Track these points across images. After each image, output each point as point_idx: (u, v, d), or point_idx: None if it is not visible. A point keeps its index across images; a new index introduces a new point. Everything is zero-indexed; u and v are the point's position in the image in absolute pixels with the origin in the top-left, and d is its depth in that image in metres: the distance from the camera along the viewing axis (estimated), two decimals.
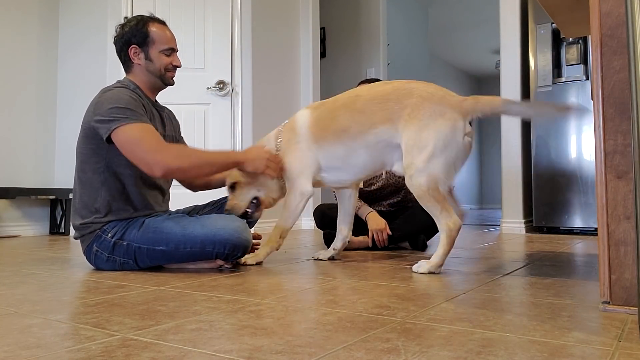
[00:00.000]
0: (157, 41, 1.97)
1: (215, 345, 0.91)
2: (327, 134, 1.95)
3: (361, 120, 1.88)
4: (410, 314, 1.15)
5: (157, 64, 1.98)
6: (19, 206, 3.78)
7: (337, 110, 1.95)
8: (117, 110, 1.79)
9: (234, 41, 3.88)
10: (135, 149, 1.77)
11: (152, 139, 1.78)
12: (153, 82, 2.01)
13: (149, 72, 1.99)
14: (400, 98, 1.83)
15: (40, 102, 3.96)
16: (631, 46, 0.95)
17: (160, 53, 1.98)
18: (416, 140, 1.76)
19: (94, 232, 1.87)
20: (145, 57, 1.97)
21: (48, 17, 4.02)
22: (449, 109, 1.76)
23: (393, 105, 1.83)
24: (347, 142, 1.92)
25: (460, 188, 9.72)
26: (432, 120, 1.75)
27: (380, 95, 1.87)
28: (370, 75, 5.12)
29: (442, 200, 1.75)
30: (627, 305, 1.13)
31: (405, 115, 1.80)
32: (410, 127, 1.78)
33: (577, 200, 3.57)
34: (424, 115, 1.76)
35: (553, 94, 3.68)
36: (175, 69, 2.04)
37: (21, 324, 1.08)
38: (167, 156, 1.77)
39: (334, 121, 1.94)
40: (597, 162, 1.19)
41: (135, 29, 1.96)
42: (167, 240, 1.82)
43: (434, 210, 1.75)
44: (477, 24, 7.74)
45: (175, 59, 2.03)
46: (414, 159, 1.75)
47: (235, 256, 1.85)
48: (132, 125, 1.78)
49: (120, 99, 1.81)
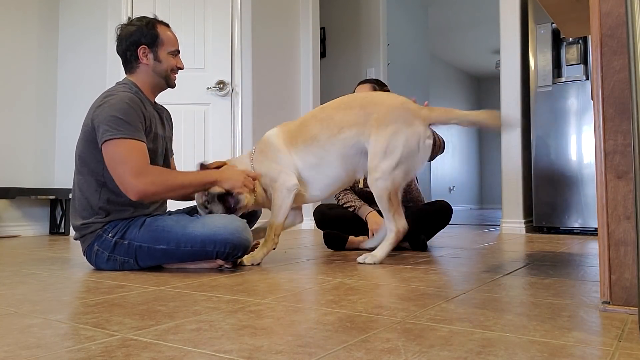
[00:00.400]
0: (166, 42, 1.99)
1: (215, 345, 0.91)
2: (298, 142, 2.03)
3: (329, 126, 2.00)
4: (410, 314, 1.15)
5: (165, 65, 1.99)
6: (19, 206, 3.78)
7: (306, 121, 2.06)
8: (115, 121, 1.79)
9: (234, 41, 3.88)
10: (117, 167, 1.79)
11: (135, 162, 1.78)
12: (157, 83, 2.02)
13: (155, 72, 1.99)
14: (364, 105, 1.99)
15: (40, 102, 3.96)
16: (631, 46, 0.95)
17: (168, 54, 2.00)
18: (384, 145, 1.92)
19: (95, 232, 1.87)
20: (155, 58, 1.98)
21: (48, 17, 4.02)
22: (413, 117, 1.94)
23: (357, 111, 1.98)
24: (318, 149, 2.01)
25: (460, 188, 9.73)
26: (400, 127, 1.92)
27: (345, 103, 2.03)
28: (371, 75, 5.12)
29: (397, 205, 1.98)
30: (627, 305, 1.13)
31: (372, 121, 1.95)
32: (379, 132, 1.93)
33: (577, 200, 3.57)
34: (391, 122, 1.93)
35: (553, 94, 3.68)
36: (178, 71, 2.06)
37: (21, 324, 1.08)
38: (144, 183, 1.78)
39: (303, 130, 2.04)
40: (597, 162, 1.19)
41: (145, 30, 1.97)
42: (168, 239, 1.82)
43: (389, 213, 1.96)
44: (477, 24, 7.75)
45: (180, 61, 2.06)
46: (381, 163, 1.92)
47: (235, 255, 1.85)
48: (121, 142, 1.78)
49: (121, 109, 1.81)
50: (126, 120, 1.80)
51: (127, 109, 1.82)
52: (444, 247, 2.67)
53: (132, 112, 1.83)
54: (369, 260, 1.99)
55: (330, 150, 2.00)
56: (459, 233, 3.76)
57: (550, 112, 3.68)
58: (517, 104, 3.80)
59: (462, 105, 10.13)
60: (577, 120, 3.60)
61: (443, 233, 3.62)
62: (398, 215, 1.98)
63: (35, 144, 3.92)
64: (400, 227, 2.00)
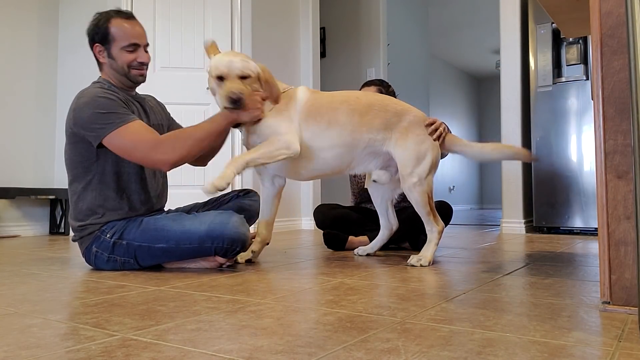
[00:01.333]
0: (118, 38, 1.90)
1: (215, 345, 0.91)
2: (322, 120, 1.94)
3: (359, 121, 1.96)
4: (410, 314, 1.14)
5: (119, 61, 1.92)
6: (19, 206, 3.78)
7: (336, 103, 1.98)
8: (100, 117, 1.77)
9: (234, 41, 3.88)
10: (132, 152, 1.78)
11: (144, 139, 1.77)
12: (121, 80, 1.96)
13: (114, 70, 1.94)
14: (399, 113, 2.03)
15: (40, 102, 3.96)
16: (631, 46, 0.95)
17: (121, 50, 1.91)
18: (415, 152, 1.99)
19: (93, 234, 1.87)
20: (108, 55, 1.93)
21: (48, 17, 4.02)
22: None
23: (391, 117, 2.01)
24: (337, 137, 1.95)
25: (460, 188, 9.73)
26: (426, 137, 2.03)
27: (380, 104, 2.02)
28: (371, 75, 5.12)
29: (434, 207, 2.05)
30: (627, 305, 1.13)
31: (402, 129, 2.01)
32: (409, 139, 2.00)
33: (577, 200, 3.57)
34: (421, 133, 2.02)
35: (553, 94, 3.68)
36: (142, 65, 1.95)
37: (21, 324, 1.08)
38: (165, 152, 1.76)
39: (331, 111, 1.95)
40: (597, 162, 1.19)
41: (96, 27, 1.92)
42: (167, 238, 1.82)
43: (428, 216, 2.02)
44: (477, 24, 7.74)
45: (141, 55, 1.94)
46: (416, 169, 1.98)
47: (234, 251, 1.85)
48: (120, 130, 1.77)
49: (98, 104, 1.79)
50: (109, 111, 1.78)
51: (104, 101, 1.80)
52: (444, 247, 2.67)
53: (110, 102, 1.81)
54: (423, 262, 1.97)
55: (347, 142, 1.95)
56: (459, 233, 3.76)
57: (550, 112, 3.68)
58: (517, 104, 3.80)
59: (462, 105, 10.13)
60: (577, 120, 3.60)
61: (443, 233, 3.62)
62: (436, 217, 2.04)
63: (35, 144, 3.92)
64: (440, 226, 2.05)
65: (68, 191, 1.94)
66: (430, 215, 2.02)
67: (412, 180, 1.97)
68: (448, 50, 9.00)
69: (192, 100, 3.71)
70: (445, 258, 2.21)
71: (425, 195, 1.99)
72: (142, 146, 1.76)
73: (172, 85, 3.62)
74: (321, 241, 2.87)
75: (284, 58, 4.31)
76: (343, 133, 1.95)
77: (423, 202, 1.99)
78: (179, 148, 1.78)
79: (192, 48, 3.74)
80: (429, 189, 2.01)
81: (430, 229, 2.04)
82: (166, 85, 3.60)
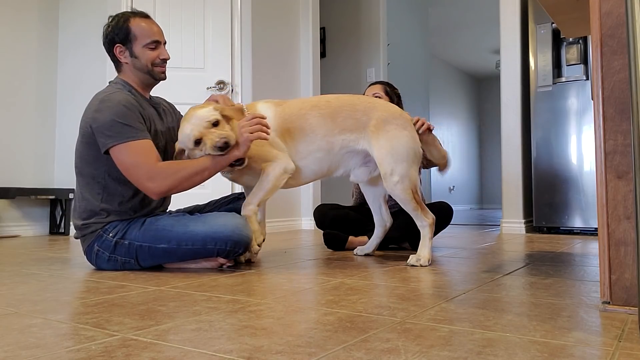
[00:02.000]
0: (140, 36, 1.93)
1: (215, 345, 0.91)
2: (295, 131, 1.98)
3: (331, 125, 2.00)
4: (410, 314, 1.14)
5: (143, 59, 1.94)
6: (19, 206, 3.78)
7: (305, 109, 2.01)
8: (117, 126, 1.78)
9: (234, 41, 3.88)
10: (130, 171, 1.79)
11: (146, 164, 1.77)
12: (143, 79, 1.98)
13: (137, 69, 1.95)
14: (367, 111, 2.02)
15: (40, 102, 3.96)
16: (631, 46, 0.95)
17: (144, 48, 1.94)
18: (391, 150, 1.96)
19: (95, 232, 1.87)
20: (131, 55, 1.94)
21: (48, 17, 4.02)
22: (407, 123, 2.04)
23: (361, 115, 2.01)
24: (312, 143, 1.99)
25: (461, 188, 9.72)
26: (400, 130, 1.99)
27: (349, 104, 2.03)
28: (370, 75, 5.12)
29: (420, 201, 2.02)
30: (627, 305, 1.13)
31: (372, 127, 1.99)
32: (380, 138, 1.97)
33: (577, 200, 3.57)
34: (391, 128, 1.99)
35: (553, 94, 3.68)
36: (164, 62, 2.00)
37: (21, 324, 1.08)
38: (156, 183, 1.77)
39: (302, 119, 1.99)
40: (597, 162, 1.19)
41: (116, 28, 1.93)
42: (169, 238, 1.82)
43: (416, 211, 1.99)
44: (477, 24, 7.74)
45: (163, 52, 1.99)
46: (395, 167, 1.95)
47: (236, 253, 1.85)
48: (129, 145, 1.77)
49: (119, 112, 1.79)
50: (126, 123, 1.79)
51: (126, 111, 1.81)
52: (444, 247, 2.67)
53: (131, 114, 1.82)
54: (422, 262, 1.95)
55: (324, 146, 2.00)
56: (459, 233, 3.76)
57: (550, 112, 3.68)
58: (517, 104, 3.80)
59: (462, 105, 10.13)
60: (577, 120, 3.60)
61: (443, 233, 3.62)
62: (424, 210, 2.01)
63: (35, 144, 3.92)
64: (430, 219, 2.02)
65: (75, 188, 1.94)
66: (417, 210, 1.99)
67: (393, 179, 1.95)
68: (448, 50, 8.99)
69: (192, 100, 3.69)
70: (445, 258, 2.21)
71: (408, 192, 1.96)
72: (139, 170, 1.78)
73: (172, 85, 3.61)
74: (321, 241, 2.88)
75: (284, 58, 4.31)
76: (316, 139, 1.99)
77: (407, 199, 1.97)
78: (170, 181, 1.79)
79: (192, 48, 3.74)
80: (413, 185, 1.97)
81: (421, 224, 2.02)
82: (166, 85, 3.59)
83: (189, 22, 3.77)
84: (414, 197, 1.98)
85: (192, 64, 3.72)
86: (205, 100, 2.06)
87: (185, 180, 1.80)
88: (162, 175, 1.79)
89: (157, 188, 1.79)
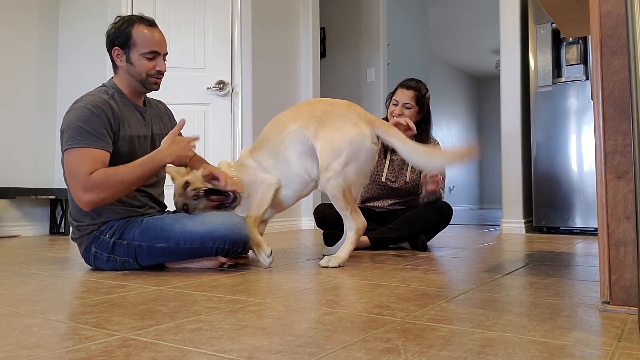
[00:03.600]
0: (139, 43, 1.90)
1: (215, 345, 0.91)
2: (257, 148, 2.12)
3: (277, 127, 2.07)
4: (410, 314, 1.15)
5: (138, 67, 1.91)
6: (19, 206, 3.78)
7: (263, 129, 2.15)
8: (77, 130, 1.76)
9: (234, 41, 3.88)
10: (68, 176, 1.79)
11: (83, 174, 1.73)
12: (135, 86, 1.96)
13: (130, 75, 1.93)
14: (311, 103, 2.08)
15: (40, 102, 3.96)
16: (631, 46, 0.95)
17: (141, 56, 1.91)
18: (330, 143, 1.92)
19: (92, 234, 1.87)
20: (127, 60, 1.92)
21: (48, 17, 4.02)
22: (358, 118, 1.96)
23: (305, 108, 2.05)
24: (271, 149, 2.06)
25: (460, 188, 9.72)
26: (345, 126, 1.93)
27: (296, 106, 2.12)
28: (370, 75, 5.13)
29: (353, 202, 1.97)
30: (627, 305, 1.13)
31: (316, 118, 1.97)
32: (324, 130, 1.94)
33: (577, 200, 3.57)
34: (334, 120, 1.95)
35: (553, 94, 3.68)
36: (160, 74, 1.96)
37: (21, 324, 1.08)
38: (89, 193, 1.74)
39: (260, 137, 2.14)
40: (597, 162, 1.19)
41: (119, 30, 1.91)
42: (167, 237, 1.83)
43: (346, 211, 1.95)
44: (477, 24, 7.74)
45: (160, 64, 1.95)
46: (331, 162, 1.91)
47: (235, 252, 1.85)
48: (77, 151, 1.75)
49: (83, 116, 1.77)
50: (87, 129, 1.76)
51: (89, 115, 1.78)
52: (444, 247, 2.67)
53: (95, 119, 1.78)
54: (332, 263, 1.93)
55: (280, 148, 2.03)
56: (459, 233, 3.76)
57: (550, 112, 3.68)
58: (517, 104, 3.80)
59: (462, 105, 10.13)
60: (577, 120, 3.60)
61: (443, 233, 3.62)
62: (355, 213, 1.96)
63: (35, 143, 3.92)
64: (359, 224, 1.97)
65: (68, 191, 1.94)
66: (347, 211, 1.94)
67: (326, 174, 1.91)
68: (448, 50, 8.99)
69: (192, 100, 3.72)
70: (445, 258, 2.21)
71: (340, 189, 1.91)
72: (77, 179, 1.75)
73: (172, 85, 3.62)
74: (321, 241, 2.87)
75: (284, 58, 4.31)
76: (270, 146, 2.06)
77: (337, 197, 1.92)
78: (101, 189, 1.74)
79: (192, 48, 3.74)
80: (346, 184, 1.91)
81: (348, 226, 1.98)
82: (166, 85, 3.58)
83: (189, 22, 3.77)
84: (344, 196, 1.92)
85: (192, 64, 3.72)
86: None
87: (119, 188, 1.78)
88: (96, 184, 1.74)
89: (87, 199, 1.74)
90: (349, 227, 1.97)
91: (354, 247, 2.00)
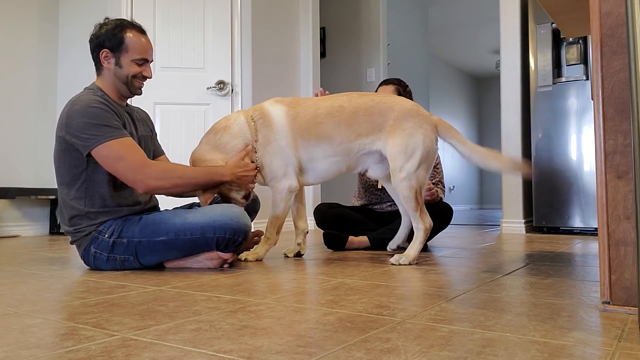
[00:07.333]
0: (131, 50, 1.93)
1: (215, 345, 0.91)
2: (310, 137, 2.06)
3: (346, 132, 2.04)
4: (410, 314, 1.15)
5: (126, 71, 1.94)
6: (19, 206, 3.78)
7: (320, 117, 2.06)
8: (92, 127, 1.78)
9: (234, 41, 3.88)
10: (116, 166, 1.80)
11: (133, 157, 1.80)
12: (120, 88, 1.97)
13: (117, 77, 1.95)
14: (382, 112, 2.04)
15: (40, 102, 3.96)
16: (631, 46, 0.95)
17: (132, 62, 1.94)
18: (403, 147, 1.98)
19: (90, 235, 1.87)
20: (115, 63, 1.93)
21: (48, 17, 4.02)
22: (423, 120, 2.03)
23: (377, 118, 2.04)
24: (329, 149, 2.06)
25: (461, 188, 9.73)
26: (415, 129, 2.00)
27: (364, 108, 2.06)
28: (370, 75, 5.13)
29: (422, 202, 2.03)
30: (627, 305, 1.13)
31: (388, 127, 2.02)
32: (396, 135, 2.00)
33: (577, 200, 3.57)
34: (407, 126, 2.00)
35: (553, 94, 3.68)
36: (144, 79, 2.00)
37: (21, 324, 1.08)
38: (148, 176, 1.81)
39: (317, 127, 2.05)
40: (597, 162, 1.19)
41: (111, 33, 1.92)
42: (167, 230, 1.83)
43: (415, 212, 2.00)
44: (477, 24, 7.74)
45: (147, 70, 1.99)
46: (405, 164, 1.97)
47: (236, 242, 1.86)
48: (110, 143, 1.79)
49: (91, 114, 1.80)
50: (102, 123, 1.80)
51: (98, 111, 1.81)
52: (444, 247, 2.67)
53: (104, 114, 1.82)
54: (403, 261, 1.98)
55: (340, 152, 2.06)
56: (459, 233, 3.76)
57: (550, 112, 3.68)
58: (517, 104, 3.80)
59: (462, 105, 10.13)
60: (577, 120, 3.60)
61: (443, 233, 3.62)
62: (423, 213, 2.03)
63: (35, 144, 3.92)
64: (427, 224, 2.03)
65: (59, 196, 1.93)
66: (417, 212, 2.00)
67: (400, 175, 1.97)
68: (448, 50, 9.00)
69: (192, 101, 3.72)
70: (445, 258, 2.21)
71: (413, 190, 1.98)
72: (127, 163, 1.79)
73: (172, 86, 3.62)
74: (321, 241, 2.88)
75: (284, 58, 4.31)
76: (333, 145, 2.05)
77: (410, 198, 1.98)
78: (162, 178, 1.84)
79: (192, 48, 3.74)
80: (418, 185, 1.99)
81: (416, 226, 2.04)
82: (166, 85, 3.61)
83: (189, 21, 3.77)
84: (416, 197, 1.99)
85: (192, 64, 3.72)
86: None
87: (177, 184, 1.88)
88: (155, 171, 1.83)
89: (148, 182, 1.81)
90: (418, 227, 2.03)
91: (423, 246, 2.06)
